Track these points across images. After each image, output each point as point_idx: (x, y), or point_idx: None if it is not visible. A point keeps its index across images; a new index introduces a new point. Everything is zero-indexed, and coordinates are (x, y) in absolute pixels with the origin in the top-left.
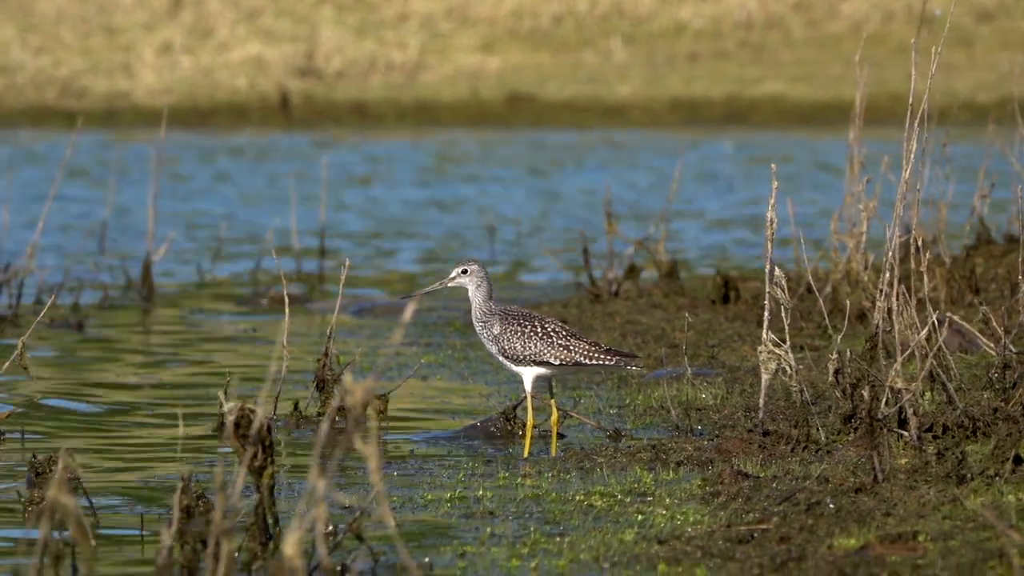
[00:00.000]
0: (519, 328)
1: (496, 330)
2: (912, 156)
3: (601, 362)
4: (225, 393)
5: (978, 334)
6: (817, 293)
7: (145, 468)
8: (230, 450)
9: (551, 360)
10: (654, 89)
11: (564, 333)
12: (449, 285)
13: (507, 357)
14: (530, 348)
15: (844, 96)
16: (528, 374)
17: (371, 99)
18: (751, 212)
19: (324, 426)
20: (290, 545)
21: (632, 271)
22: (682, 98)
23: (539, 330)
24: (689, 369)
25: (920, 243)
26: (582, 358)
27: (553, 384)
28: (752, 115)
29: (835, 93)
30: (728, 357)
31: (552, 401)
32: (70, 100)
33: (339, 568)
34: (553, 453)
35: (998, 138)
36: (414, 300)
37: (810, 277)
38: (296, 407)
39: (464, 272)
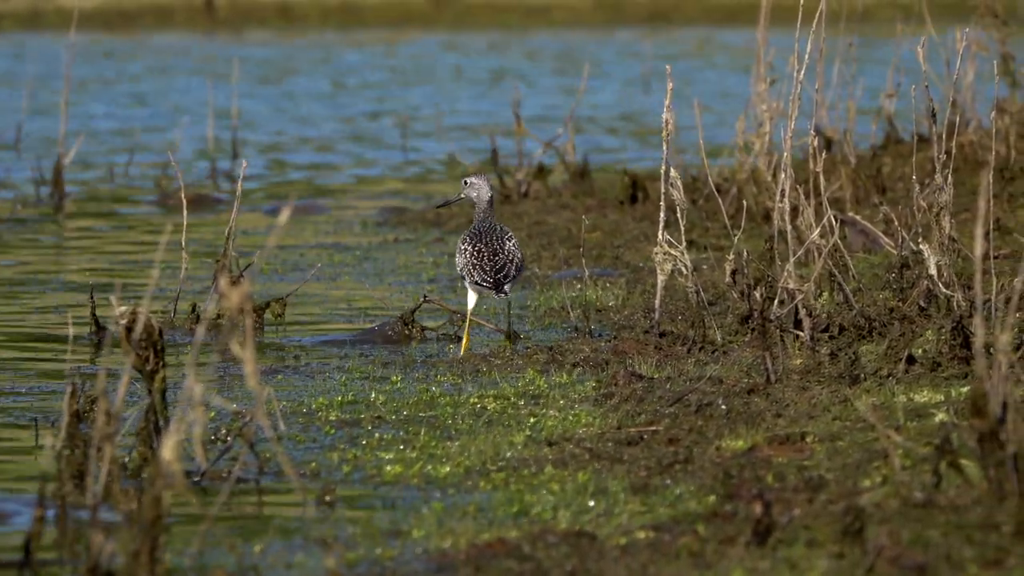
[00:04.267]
0: (460, 245)
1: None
2: (808, 56)
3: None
4: (100, 291)
5: (880, 234)
6: (717, 194)
7: (46, 376)
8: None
9: (466, 277)
10: None
11: (482, 255)
12: (462, 197)
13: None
14: (458, 265)
15: None
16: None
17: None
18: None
19: (200, 329)
20: (168, 449)
21: (541, 171)
22: None
23: (469, 249)
24: (587, 270)
25: (816, 143)
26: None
27: (509, 309)
28: (676, 15)
29: None
30: (632, 257)
31: (506, 333)
32: None
33: (226, 474)
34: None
35: (905, 37)
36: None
37: (710, 179)
38: (194, 309)
39: (465, 184)
